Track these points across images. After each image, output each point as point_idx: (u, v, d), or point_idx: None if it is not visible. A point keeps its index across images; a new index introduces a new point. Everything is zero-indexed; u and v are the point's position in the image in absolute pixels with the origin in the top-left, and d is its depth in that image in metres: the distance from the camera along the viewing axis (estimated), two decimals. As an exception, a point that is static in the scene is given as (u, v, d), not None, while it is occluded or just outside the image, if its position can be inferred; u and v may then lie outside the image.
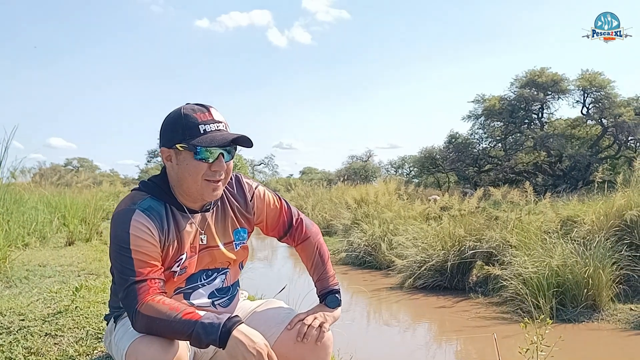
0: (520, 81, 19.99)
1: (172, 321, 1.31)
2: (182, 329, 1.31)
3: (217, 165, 1.47)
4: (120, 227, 1.41)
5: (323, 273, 1.79)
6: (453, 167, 22.09)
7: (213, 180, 1.48)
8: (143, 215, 1.43)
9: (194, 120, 1.46)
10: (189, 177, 1.47)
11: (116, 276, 1.43)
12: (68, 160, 42.70)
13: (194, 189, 1.49)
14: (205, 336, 1.31)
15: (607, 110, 17.76)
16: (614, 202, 6.44)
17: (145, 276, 1.38)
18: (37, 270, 3.90)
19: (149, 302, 1.34)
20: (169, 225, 1.49)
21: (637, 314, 5.23)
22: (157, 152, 34.84)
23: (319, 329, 1.59)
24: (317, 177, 35.90)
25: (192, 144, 1.43)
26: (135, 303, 1.35)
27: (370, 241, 9.37)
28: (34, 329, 2.33)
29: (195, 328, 1.30)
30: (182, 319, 1.31)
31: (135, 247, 1.39)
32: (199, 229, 1.56)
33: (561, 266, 5.52)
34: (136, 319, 1.34)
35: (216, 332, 1.31)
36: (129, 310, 1.36)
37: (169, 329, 1.32)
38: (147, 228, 1.42)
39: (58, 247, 5.37)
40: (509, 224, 7.06)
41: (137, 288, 1.36)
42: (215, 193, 1.50)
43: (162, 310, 1.33)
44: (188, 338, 1.32)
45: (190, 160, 1.46)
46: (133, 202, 1.47)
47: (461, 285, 6.99)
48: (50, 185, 8.89)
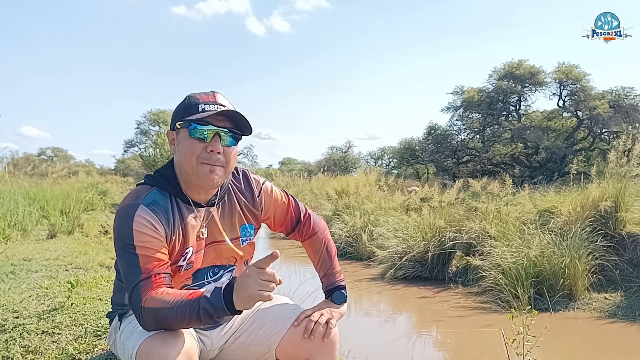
0: (498, 73, 20.23)
1: (177, 307, 1.28)
2: (189, 311, 1.28)
3: (212, 145, 1.43)
4: (123, 224, 1.37)
5: (330, 269, 1.77)
6: (432, 159, 22.30)
7: (209, 163, 1.43)
8: (147, 211, 1.40)
9: (195, 100, 1.45)
10: (184, 158, 1.44)
11: (122, 274, 1.39)
12: (42, 149, 41.87)
13: (191, 172, 1.44)
14: (213, 308, 1.28)
15: (582, 103, 18.12)
16: (589, 193, 6.58)
17: (151, 272, 1.34)
18: (23, 265, 3.78)
19: (152, 295, 1.31)
20: (174, 218, 1.46)
21: (612, 303, 5.37)
22: (133, 142, 34.29)
23: (325, 326, 1.57)
24: (297, 167, 35.88)
25: (188, 120, 1.42)
26: (140, 300, 1.31)
27: (351, 232, 9.42)
28: (30, 327, 2.26)
29: (200, 305, 1.27)
30: (186, 301, 1.29)
31: (139, 243, 1.36)
32: (202, 223, 1.53)
33: (539, 256, 5.63)
34: (142, 315, 1.31)
35: (220, 299, 1.28)
36: (135, 309, 1.33)
37: (175, 315, 1.28)
38: (151, 223, 1.39)
39: (40, 240, 5.24)
40: (488, 215, 7.16)
41: (141, 285, 1.32)
42: (212, 176, 1.44)
43: (166, 299, 1.30)
44: (197, 317, 1.28)
45: (187, 139, 1.44)
46: (137, 197, 1.44)
47: (441, 276, 7.08)
48: (24, 175, 8.65)
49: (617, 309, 5.24)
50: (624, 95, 18.13)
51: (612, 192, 6.37)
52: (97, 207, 9.33)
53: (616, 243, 6.07)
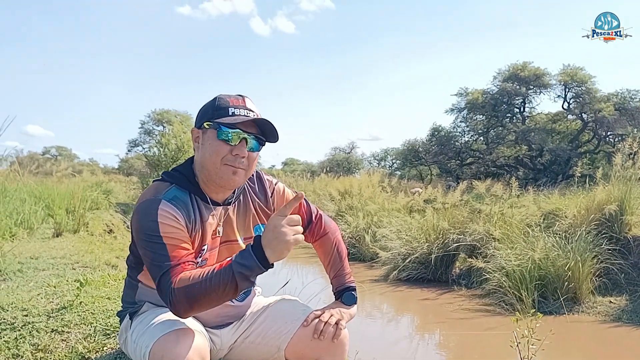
0: (502, 75, 20.19)
1: (209, 278, 1.29)
2: (223, 279, 1.28)
3: (238, 150, 1.46)
4: (147, 218, 1.38)
5: (340, 270, 1.77)
6: (435, 160, 22.28)
7: (233, 166, 1.46)
8: (169, 205, 1.41)
9: (225, 103, 1.48)
10: (209, 158, 1.46)
11: (149, 265, 1.38)
12: (46, 148, 41.97)
13: (213, 172, 1.47)
14: (248, 269, 1.28)
15: (587, 105, 18.07)
16: (594, 196, 6.56)
17: (179, 260, 1.35)
18: (30, 263, 3.79)
19: (181, 276, 1.32)
20: (194, 215, 1.47)
21: (617, 307, 5.36)
22: (137, 141, 34.33)
23: (335, 326, 1.58)
24: (300, 168, 35.84)
25: (217, 122, 1.45)
26: (170, 284, 1.31)
27: (354, 233, 9.41)
28: (40, 325, 2.25)
29: (233, 270, 1.28)
30: (217, 271, 1.30)
31: (165, 234, 1.36)
32: (218, 222, 1.54)
33: (543, 259, 5.62)
34: (174, 297, 1.30)
35: (253, 259, 1.28)
36: (166, 295, 1.32)
37: (210, 287, 1.29)
38: (174, 216, 1.40)
39: (46, 238, 5.25)
40: (492, 217, 7.14)
41: (171, 271, 1.33)
42: (234, 178, 1.47)
43: (196, 275, 1.31)
44: (233, 283, 1.28)
45: (213, 140, 1.46)
46: (157, 192, 1.45)
47: (445, 278, 7.07)
48: (29, 174, 8.68)
49: (622, 312, 5.22)
50: (629, 98, 18.07)
51: (617, 195, 6.35)
52: (102, 206, 9.35)
53: (621, 246, 6.05)
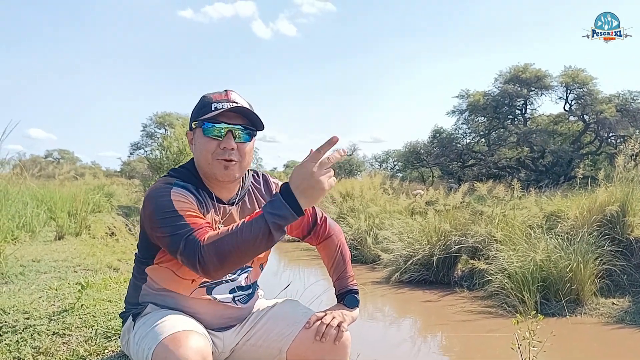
0: (504, 77, 20.20)
1: (241, 230, 1.29)
2: (255, 229, 1.27)
3: (226, 142, 1.46)
4: (161, 199, 1.40)
5: (343, 272, 1.77)
6: (437, 162, 22.28)
7: (224, 159, 1.47)
8: (181, 189, 1.44)
9: (209, 100, 1.49)
10: (201, 156, 1.48)
11: (169, 240, 1.37)
12: (48, 151, 41.97)
13: (207, 168, 1.48)
14: (282, 219, 1.27)
15: (589, 107, 18.06)
16: (596, 197, 6.54)
17: (200, 226, 1.36)
18: (32, 266, 3.78)
19: (209, 234, 1.33)
20: (202, 205, 1.49)
21: (619, 308, 5.34)
22: (139, 144, 34.40)
23: (337, 329, 1.57)
24: (302, 170, 35.82)
25: (201, 119, 1.46)
26: (198, 242, 1.31)
27: (356, 235, 9.42)
28: (41, 328, 2.25)
29: (267, 220, 1.27)
30: (249, 222, 1.29)
31: (181, 209, 1.38)
32: (220, 219, 1.55)
33: (545, 261, 5.61)
34: (204, 254, 1.29)
35: (287, 208, 1.27)
36: (194, 254, 1.31)
37: (241, 239, 1.28)
38: (186, 197, 1.43)
39: (48, 241, 5.25)
40: (494, 219, 7.14)
41: (195, 233, 1.33)
42: (227, 172, 1.48)
43: (225, 230, 1.32)
44: (268, 232, 1.27)
45: (201, 137, 1.48)
46: (167, 182, 1.47)
47: (447, 280, 7.06)
48: (31, 177, 8.69)
49: (624, 314, 5.21)
50: (631, 99, 18.06)
51: (619, 197, 6.34)
52: (104, 209, 9.35)
53: (624, 248, 6.04)
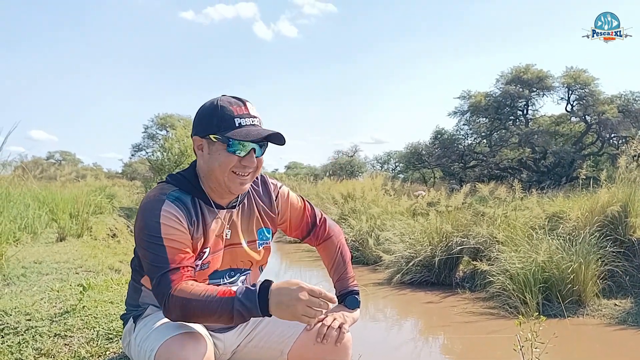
0: (505, 77, 20.16)
1: (209, 301, 1.30)
2: (221, 309, 1.29)
3: (248, 160, 1.47)
4: (150, 217, 1.40)
5: (343, 273, 1.77)
6: (439, 163, 22.24)
7: (241, 174, 1.48)
8: (173, 205, 1.42)
9: (229, 112, 1.46)
10: (217, 168, 1.47)
11: (148, 266, 1.39)
12: (50, 153, 42.10)
13: (221, 180, 1.48)
14: (247, 311, 1.30)
15: (590, 108, 18.02)
16: (598, 198, 6.53)
17: (179, 264, 1.36)
18: (34, 268, 3.80)
19: (182, 286, 1.33)
20: (197, 218, 1.48)
21: (622, 309, 5.32)
22: (141, 146, 34.44)
23: (338, 330, 1.57)
24: (303, 172, 35.91)
25: (227, 136, 1.43)
26: (169, 288, 1.33)
27: (357, 236, 9.40)
28: (43, 330, 2.26)
29: (234, 306, 1.29)
30: (219, 298, 1.30)
31: (167, 236, 1.38)
32: (225, 224, 1.55)
33: (547, 262, 5.59)
34: (170, 303, 1.32)
35: (255, 306, 1.30)
36: (162, 296, 1.34)
37: (206, 309, 1.30)
38: (177, 217, 1.41)
39: (49, 242, 5.28)
40: (495, 220, 7.12)
41: (170, 275, 1.34)
42: (243, 187, 1.50)
43: (197, 291, 1.32)
44: (229, 316, 1.31)
45: (222, 152, 1.46)
46: (162, 192, 1.46)
47: (448, 281, 7.04)
48: (33, 179, 8.71)
49: (627, 315, 5.19)
50: (632, 100, 18.01)
51: (621, 197, 6.32)
52: (106, 210, 9.38)
53: (626, 249, 6.01)
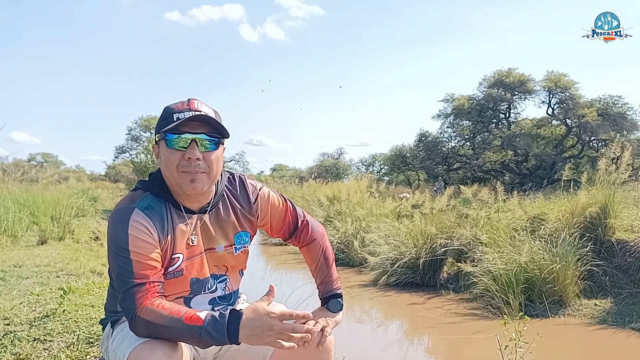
0: (488, 81, 20.42)
1: (175, 327, 1.27)
2: (188, 336, 1.27)
3: (190, 153, 1.40)
4: (118, 227, 1.36)
5: (327, 276, 1.75)
6: (423, 166, 22.43)
7: (189, 171, 1.41)
8: (142, 215, 1.39)
9: (171, 110, 1.43)
10: (166, 169, 1.43)
11: (114, 278, 1.37)
12: (32, 155, 41.50)
13: (173, 181, 1.43)
14: (215, 340, 1.27)
15: (571, 111, 18.35)
16: (578, 200, 6.63)
17: (144, 279, 1.33)
18: (13, 271, 3.74)
19: (148, 307, 1.30)
20: (168, 225, 1.44)
21: (602, 309, 5.42)
22: (124, 148, 34.14)
23: (320, 333, 1.55)
24: (289, 174, 35.90)
25: (163, 132, 1.41)
26: (134, 308, 1.30)
27: (342, 238, 9.42)
28: (22, 334, 2.22)
29: (201, 334, 1.26)
30: (186, 325, 1.27)
31: (134, 249, 1.34)
32: (192, 230, 1.50)
33: (529, 263, 5.67)
34: (136, 323, 1.30)
35: (224, 334, 1.27)
36: (128, 312, 1.31)
37: (172, 336, 1.28)
38: (146, 228, 1.38)
39: (30, 246, 5.19)
40: (479, 222, 7.20)
41: (135, 292, 1.31)
42: (195, 185, 1.42)
43: (163, 315, 1.28)
44: (196, 342, 1.28)
45: (165, 150, 1.43)
46: (132, 200, 1.43)
47: (433, 282, 7.09)
48: (13, 181, 8.56)
49: (607, 315, 5.28)
50: (612, 104, 18.38)
51: (601, 199, 6.43)
52: (88, 213, 9.26)
53: (605, 249, 6.12)
